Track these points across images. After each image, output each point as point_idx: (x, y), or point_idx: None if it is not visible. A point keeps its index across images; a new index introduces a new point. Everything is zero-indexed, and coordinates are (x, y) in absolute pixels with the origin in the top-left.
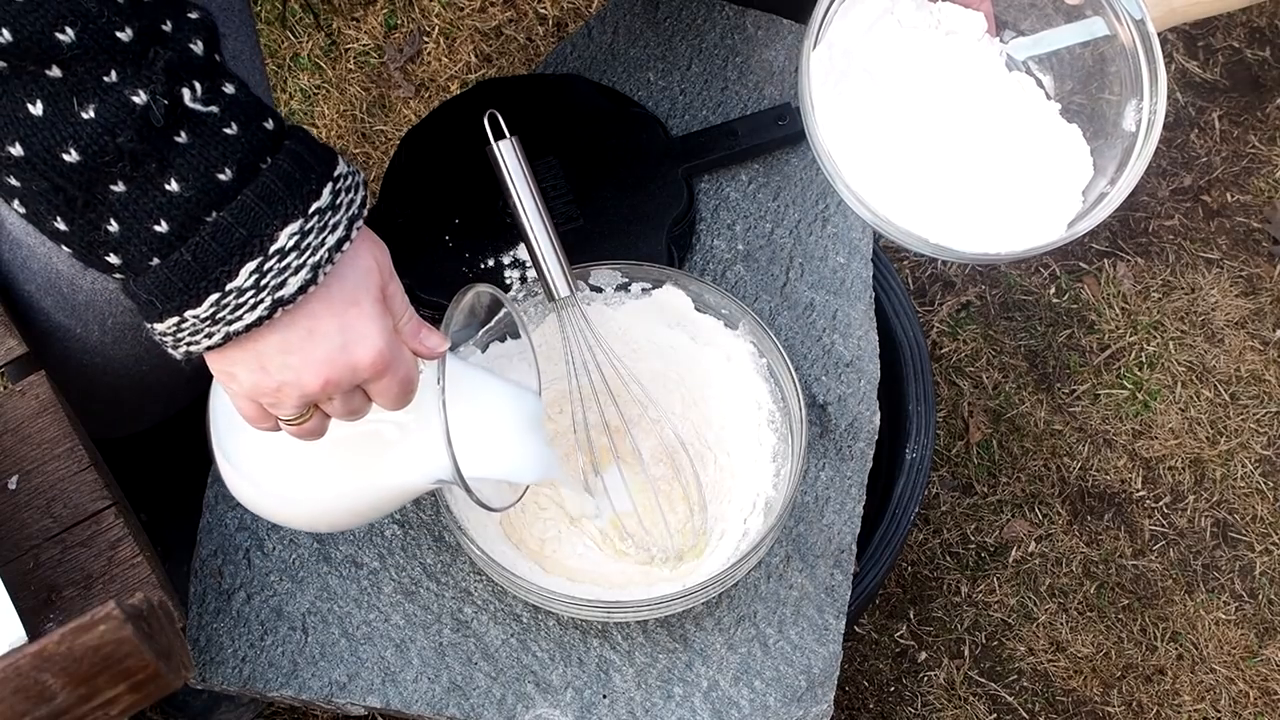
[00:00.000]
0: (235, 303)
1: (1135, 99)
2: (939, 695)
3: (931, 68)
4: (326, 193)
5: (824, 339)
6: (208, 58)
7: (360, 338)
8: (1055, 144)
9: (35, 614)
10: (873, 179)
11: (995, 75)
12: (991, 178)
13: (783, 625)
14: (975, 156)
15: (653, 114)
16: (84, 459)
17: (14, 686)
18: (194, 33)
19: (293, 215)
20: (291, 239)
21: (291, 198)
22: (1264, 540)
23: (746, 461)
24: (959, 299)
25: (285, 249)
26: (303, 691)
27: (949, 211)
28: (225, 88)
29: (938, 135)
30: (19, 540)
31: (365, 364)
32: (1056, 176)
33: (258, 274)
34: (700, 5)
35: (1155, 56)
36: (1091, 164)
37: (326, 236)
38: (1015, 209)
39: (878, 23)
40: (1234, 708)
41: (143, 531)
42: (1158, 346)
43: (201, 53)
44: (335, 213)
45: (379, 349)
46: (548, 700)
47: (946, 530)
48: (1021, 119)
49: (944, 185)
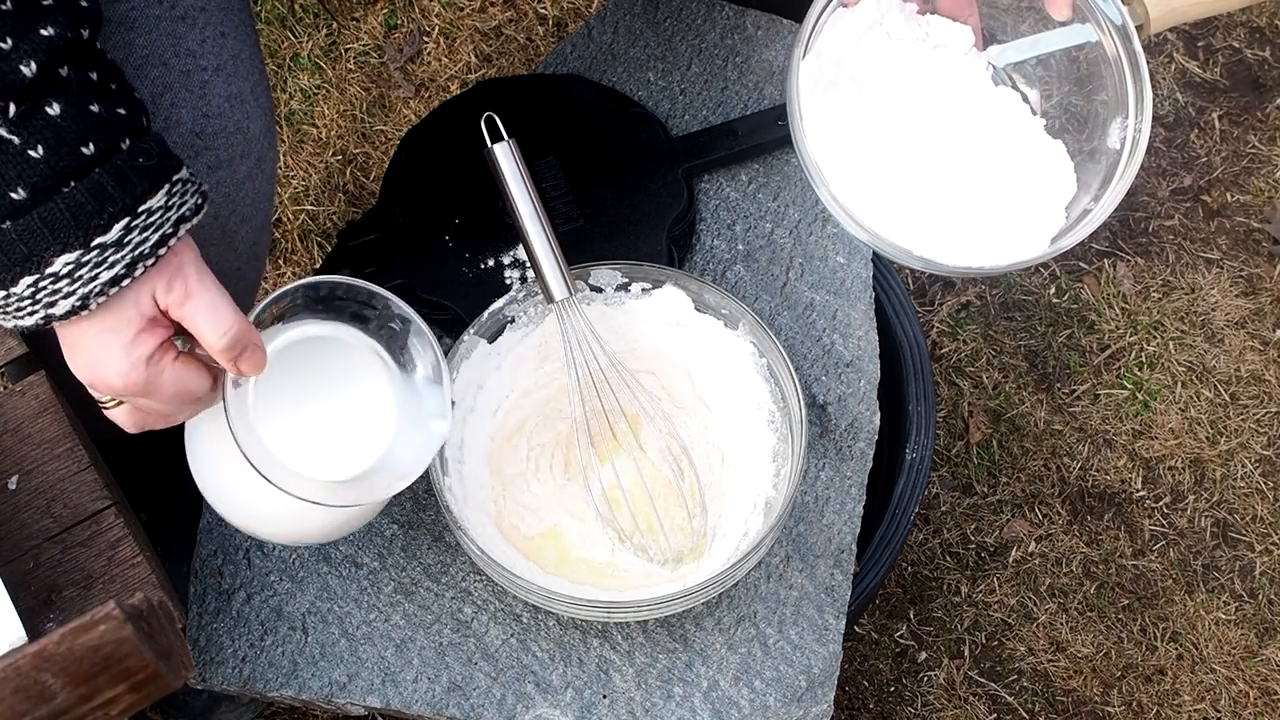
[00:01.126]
0: (16, 305)
1: (1121, 116)
2: (939, 695)
3: (919, 80)
4: (116, 229)
5: (824, 339)
6: (39, 78)
7: (107, 362)
8: (1040, 159)
9: (35, 614)
10: (858, 189)
11: (982, 89)
12: (976, 191)
13: (783, 625)
14: (960, 169)
15: (653, 114)
16: (84, 459)
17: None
18: (30, 54)
19: (72, 245)
20: (66, 266)
21: (75, 228)
22: (1264, 540)
23: (746, 461)
24: (959, 299)
25: (59, 274)
26: (303, 691)
27: (932, 223)
28: (49, 108)
29: (923, 147)
30: (19, 540)
31: (117, 386)
32: (1041, 191)
33: (33, 289)
34: (700, 5)
35: (1142, 75)
36: (1075, 180)
37: (102, 271)
38: (999, 223)
39: (867, 34)
40: (1234, 708)
41: (143, 531)
42: (1158, 346)
43: (31, 74)
44: (119, 249)
45: (124, 375)
46: (548, 700)
47: (946, 530)
48: (1007, 133)
49: (928, 197)
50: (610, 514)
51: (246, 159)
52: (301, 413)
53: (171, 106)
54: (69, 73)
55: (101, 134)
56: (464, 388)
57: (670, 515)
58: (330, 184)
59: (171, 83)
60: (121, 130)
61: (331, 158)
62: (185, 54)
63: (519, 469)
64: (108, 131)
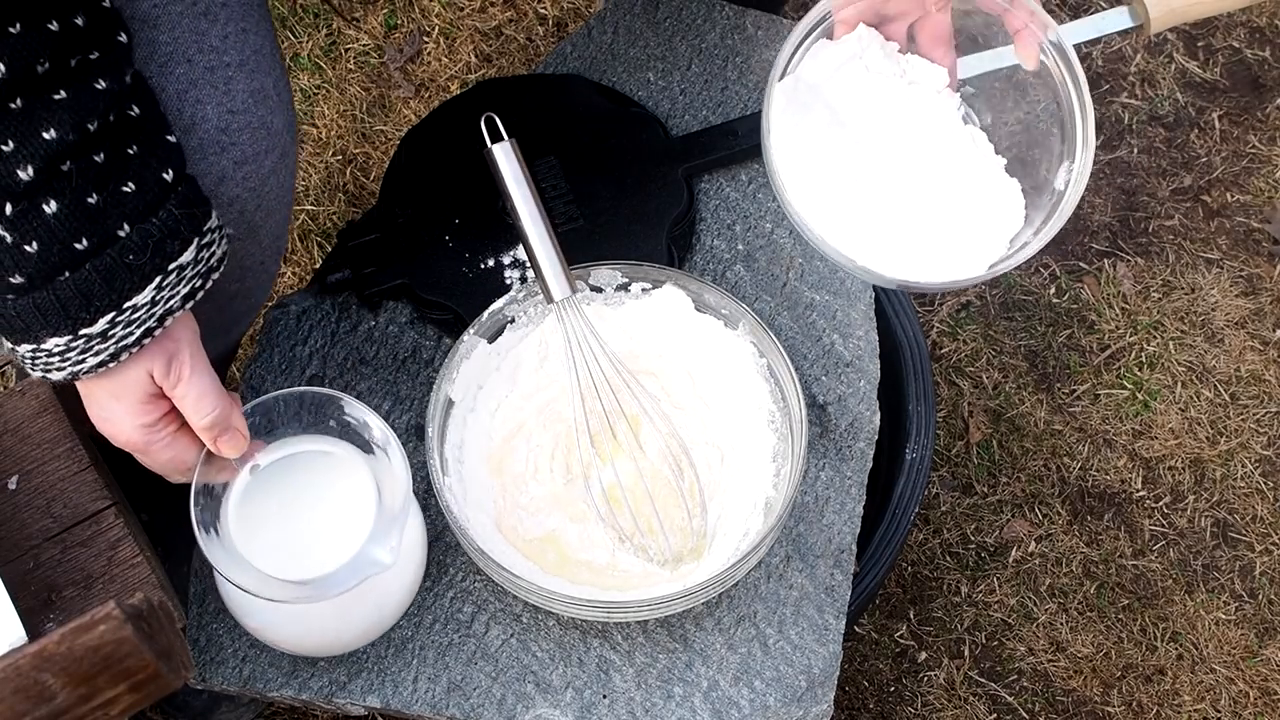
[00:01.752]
0: (21, 359)
1: (1069, 161)
2: (939, 695)
3: (891, 110)
4: (102, 323)
5: (824, 339)
6: (36, 180)
7: (114, 420)
8: (994, 194)
9: (35, 614)
10: (817, 200)
11: (950, 125)
12: (927, 215)
13: (783, 625)
14: (916, 194)
15: (653, 114)
16: (84, 459)
17: (14, 686)
18: (29, 159)
19: (60, 331)
20: (57, 347)
21: (64, 318)
22: (1264, 540)
23: (746, 461)
24: (959, 299)
25: (51, 351)
26: (303, 691)
27: (883, 239)
28: (45, 207)
29: (886, 170)
30: (19, 540)
31: (119, 441)
32: (989, 223)
33: (31, 355)
34: (700, 5)
35: (1089, 120)
36: (1024, 216)
37: (88, 357)
38: (943, 246)
39: (846, 64)
40: (1234, 708)
41: (143, 531)
42: (1158, 346)
43: (28, 177)
44: (104, 340)
45: (125, 435)
46: (548, 700)
47: (946, 530)
48: (967, 167)
49: (882, 215)
50: (610, 514)
51: (271, 154)
52: (279, 519)
53: (197, 103)
54: (70, 167)
55: (96, 227)
56: (464, 388)
57: (670, 515)
58: (330, 184)
59: (196, 79)
60: (120, 217)
61: (331, 158)
62: (209, 50)
63: (518, 469)
64: (103, 224)
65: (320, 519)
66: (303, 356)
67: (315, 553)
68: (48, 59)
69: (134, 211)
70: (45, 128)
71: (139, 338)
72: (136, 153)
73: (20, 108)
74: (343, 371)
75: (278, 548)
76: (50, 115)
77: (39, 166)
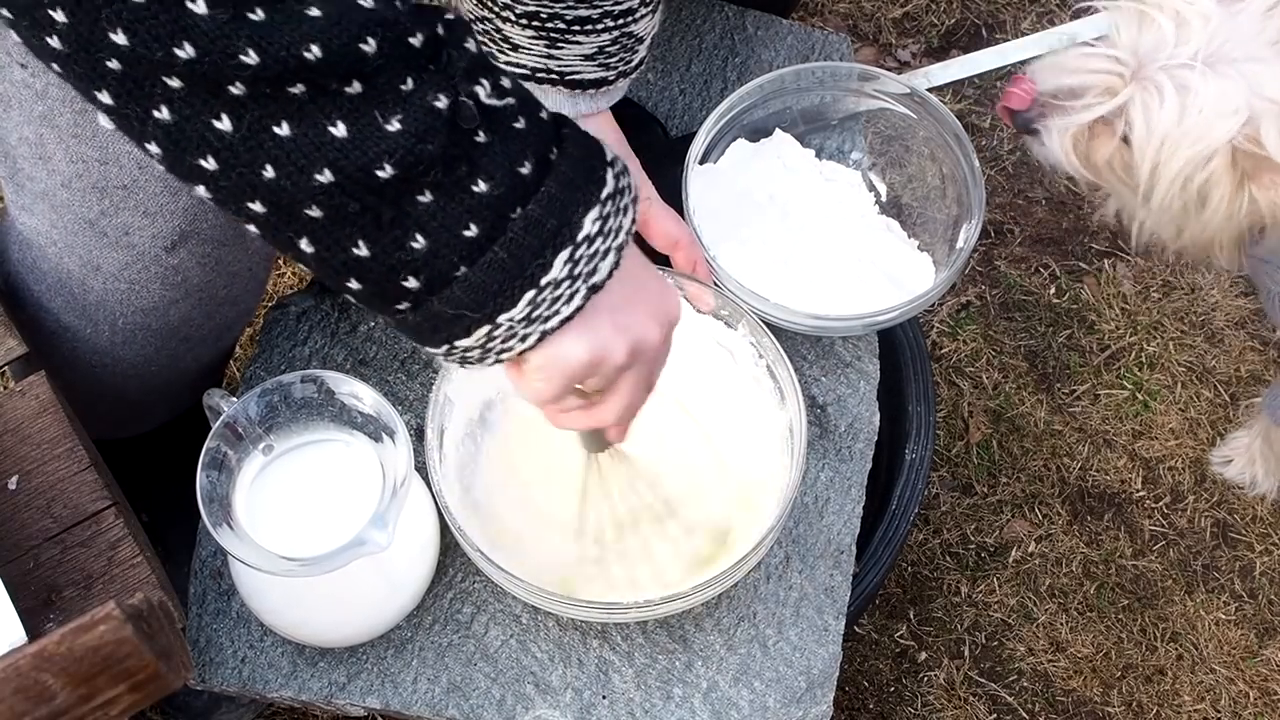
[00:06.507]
0: (552, 296)
1: (969, 222)
2: (939, 695)
3: (810, 197)
4: (609, 177)
5: (824, 339)
6: (481, 54)
7: (665, 293)
8: (902, 263)
9: (35, 614)
10: (733, 253)
11: (866, 212)
12: (841, 270)
13: (782, 626)
14: (829, 253)
15: (653, 114)
16: (84, 459)
17: (14, 686)
18: (465, 31)
19: (592, 201)
20: (595, 224)
21: (587, 184)
22: (1264, 540)
23: (746, 462)
24: (959, 299)
25: (591, 235)
26: (302, 692)
27: (797, 286)
28: (503, 82)
29: (803, 234)
30: (19, 540)
31: (676, 315)
32: (897, 283)
33: (570, 263)
34: (700, 5)
35: (980, 186)
36: (933, 282)
37: (623, 219)
38: (849, 296)
39: (765, 157)
40: (1234, 708)
41: (143, 531)
42: (1158, 347)
43: (477, 50)
44: (623, 196)
45: (679, 299)
46: (547, 701)
47: (946, 530)
48: (880, 243)
49: (798, 267)
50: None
51: None
52: (289, 501)
53: None
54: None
55: (536, 100)
56: (464, 388)
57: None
58: None
59: None
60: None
61: None
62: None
63: (518, 469)
64: (535, 98)
65: (327, 502)
66: (303, 357)
67: (319, 534)
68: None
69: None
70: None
71: (634, 189)
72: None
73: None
74: (343, 372)
75: (284, 528)
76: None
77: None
